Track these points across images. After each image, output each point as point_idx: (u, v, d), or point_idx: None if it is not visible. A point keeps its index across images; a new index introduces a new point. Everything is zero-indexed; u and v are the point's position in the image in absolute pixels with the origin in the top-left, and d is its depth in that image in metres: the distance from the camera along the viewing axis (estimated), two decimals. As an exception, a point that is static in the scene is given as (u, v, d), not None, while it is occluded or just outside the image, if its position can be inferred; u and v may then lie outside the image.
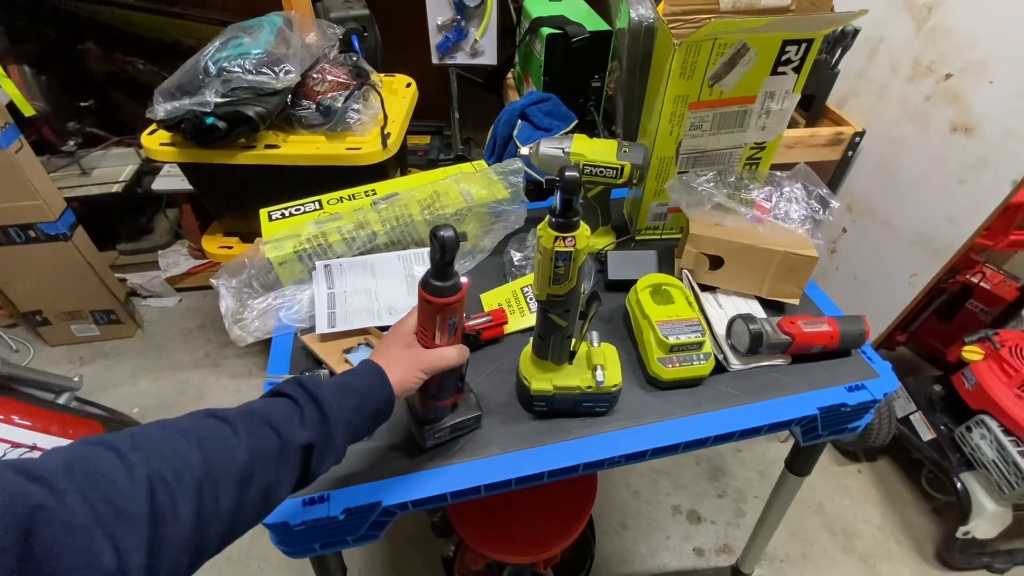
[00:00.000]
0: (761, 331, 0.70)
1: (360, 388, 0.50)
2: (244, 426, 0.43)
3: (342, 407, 0.47)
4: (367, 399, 0.50)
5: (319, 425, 0.46)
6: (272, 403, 0.46)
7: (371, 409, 0.50)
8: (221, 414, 0.44)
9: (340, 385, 0.49)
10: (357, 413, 0.49)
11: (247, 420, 0.43)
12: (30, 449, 1.19)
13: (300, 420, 0.45)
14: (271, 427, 0.43)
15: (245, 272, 0.77)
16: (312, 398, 0.47)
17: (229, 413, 0.44)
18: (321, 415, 0.46)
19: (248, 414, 0.44)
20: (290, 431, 0.44)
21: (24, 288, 1.68)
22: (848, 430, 0.75)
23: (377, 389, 0.50)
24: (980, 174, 1.09)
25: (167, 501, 0.34)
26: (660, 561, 1.33)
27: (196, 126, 1.09)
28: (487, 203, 0.87)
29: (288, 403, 0.46)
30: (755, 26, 0.68)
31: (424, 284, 0.51)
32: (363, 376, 0.51)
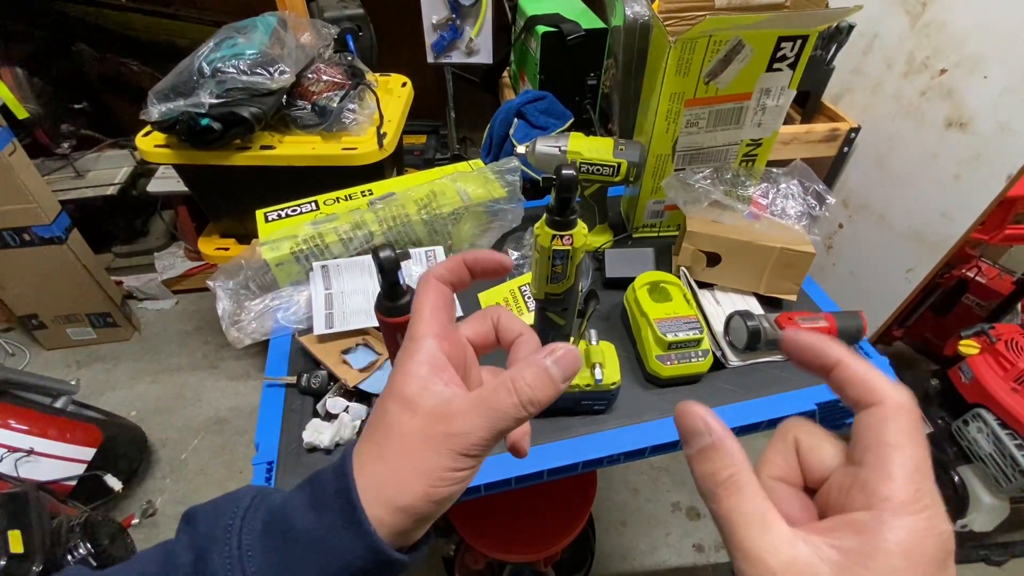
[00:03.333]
0: (759, 327, 0.70)
1: (307, 535, 0.24)
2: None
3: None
4: (315, 562, 0.24)
5: None
6: (147, 565, 0.26)
7: None
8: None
9: (272, 528, 0.25)
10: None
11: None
12: (27, 453, 1.18)
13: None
14: None
15: (242, 274, 0.76)
16: (201, 562, 0.25)
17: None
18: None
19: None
20: None
21: (19, 292, 1.67)
22: (846, 425, 0.75)
23: (332, 541, 0.24)
24: (975, 169, 1.09)
25: None
26: (660, 558, 1.33)
27: (191, 127, 1.08)
28: (484, 202, 0.86)
29: (160, 571, 0.25)
30: (750, 23, 0.68)
31: (377, 304, 0.51)
32: (319, 507, 0.25)
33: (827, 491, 0.22)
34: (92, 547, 1.01)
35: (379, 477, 0.25)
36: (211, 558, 0.25)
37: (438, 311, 0.29)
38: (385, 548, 0.24)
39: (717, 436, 0.21)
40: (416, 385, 0.26)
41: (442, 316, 0.29)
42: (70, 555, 0.98)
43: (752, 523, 0.20)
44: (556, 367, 0.25)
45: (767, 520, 0.20)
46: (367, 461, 0.25)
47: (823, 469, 0.22)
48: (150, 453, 1.53)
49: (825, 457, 0.22)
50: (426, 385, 0.26)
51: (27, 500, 0.98)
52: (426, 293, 0.29)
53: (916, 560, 0.18)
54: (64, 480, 1.22)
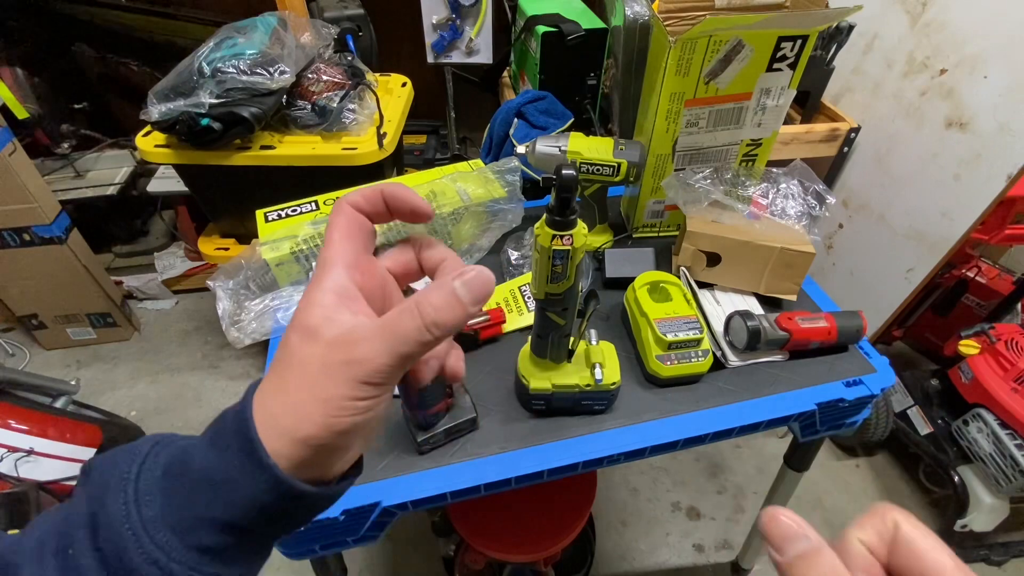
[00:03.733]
0: (759, 327, 0.70)
1: (206, 475, 0.24)
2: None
3: (169, 527, 0.23)
4: (217, 500, 0.23)
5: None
6: (51, 523, 0.24)
7: (233, 517, 0.23)
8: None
9: (172, 470, 0.24)
10: (206, 531, 0.23)
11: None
12: (28, 453, 1.18)
13: (71, 571, 0.22)
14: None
15: (242, 274, 0.76)
16: (98, 514, 0.23)
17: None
18: (117, 555, 0.22)
19: None
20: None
21: (19, 292, 1.67)
22: (846, 425, 0.75)
23: (234, 478, 0.23)
24: (975, 169, 1.09)
25: None
26: (660, 558, 1.33)
27: (191, 127, 1.08)
28: (484, 202, 0.86)
29: (60, 532, 0.23)
30: (750, 23, 0.68)
31: None
32: (220, 445, 0.24)
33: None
34: (92, 547, 1.01)
35: (278, 408, 0.24)
36: (107, 507, 0.23)
37: (350, 237, 0.27)
38: (290, 480, 0.23)
39: (817, 540, 0.20)
40: (320, 314, 0.25)
41: (355, 243, 0.27)
42: (70, 555, 0.98)
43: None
44: (464, 288, 0.24)
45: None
46: (268, 394, 0.25)
47: (915, 566, 0.21)
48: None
49: (922, 559, 0.21)
50: (330, 314, 0.25)
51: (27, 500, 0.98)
52: (337, 218, 0.27)
53: None
54: (64, 480, 1.22)
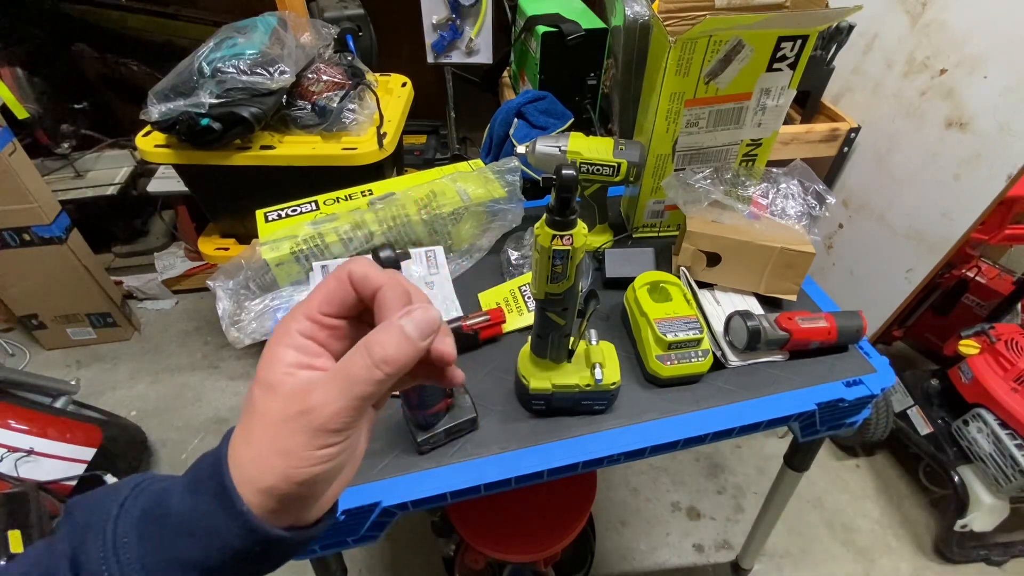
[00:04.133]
0: (759, 327, 0.70)
1: (183, 518, 0.25)
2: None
3: (145, 570, 0.24)
4: (193, 543, 0.24)
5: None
6: (35, 560, 0.25)
7: (208, 560, 0.24)
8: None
9: (150, 513, 0.25)
10: (177, 573, 0.24)
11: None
12: (28, 453, 1.18)
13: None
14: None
15: (242, 274, 0.76)
16: (77, 554, 0.25)
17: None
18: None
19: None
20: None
21: (19, 292, 1.67)
22: (846, 425, 0.75)
23: (209, 523, 0.24)
24: (975, 169, 1.09)
25: None
26: (660, 558, 1.33)
27: (191, 127, 1.08)
28: (484, 202, 0.86)
29: (44, 559, 0.25)
30: (750, 23, 0.68)
31: None
32: (196, 489, 0.25)
33: None
34: (92, 547, 1.01)
35: (245, 459, 0.25)
36: (87, 548, 0.24)
37: (327, 302, 0.27)
38: (261, 525, 0.24)
39: None
40: (280, 370, 0.26)
41: (328, 307, 0.28)
42: (70, 555, 0.98)
43: None
44: (411, 325, 0.25)
45: None
46: (237, 444, 0.25)
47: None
48: (150, 453, 1.53)
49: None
50: (290, 370, 0.26)
51: (27, 500, 0.98)
52: (330, 279, 0.28)
53: None
54: (64, 480, 1.22)
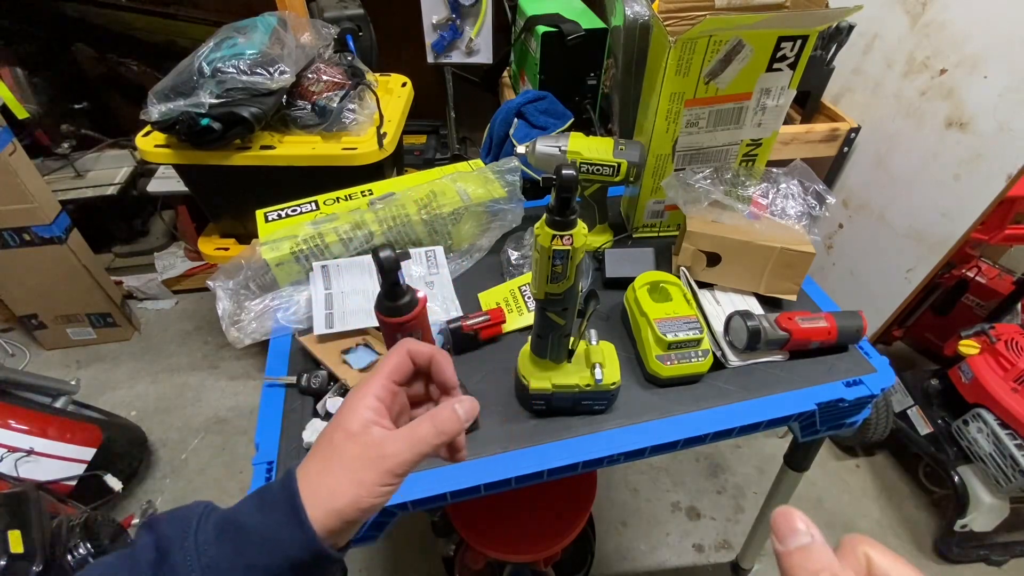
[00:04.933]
0: (759, 327, 0.70)
1: (255, 532, 0.31)
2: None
3: (221, 572, 0.29)
4: (262, 553, 0.30)
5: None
6: (111, 567, 0.31)
7: (271, 567, 0.30)
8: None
9: (224, 527, 0.31)
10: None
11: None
12: (28, 453, 1.18)
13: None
14: None
15: (242, 274, 0.76)
16: (163, 558, 0.30)
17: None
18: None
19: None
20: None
21: (19, 292, 1.67)
22: (846, 425, 0.75)
23: (277, 535, 0.30)
24: (975, 169, 1.09)
25: None
26: (660, 558, 1.33)
27: (191, 127, 1.08)
28: (484, 202, 0.86)
29: (127, 572, 0.30)
30: (750, 23, 0.68)
31: (378, 305, 0.51)
32: (266, 509, 0.31)
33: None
34: (92, 547, 1.01)
35: (322, 487, 0.32)
36: (172, 554, 0.30)
37: (395, 372, 0.37)
38: (320, 542, 0.30)
39: (817, 538, 0.23)
40: (358, 423, 0.34)
41: (397, 377, 0.37)
42: (70, 555, 0.98)
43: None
44: (461, 409, 0.36)
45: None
46: (313, 475, 0.32)
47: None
48: (150, 453, 1.53)
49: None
50: (367, 426, 0.34)
51: (27, 500, 0.98)
52: (394, 355, 0.38)
53: None
54: (64, 480, 1.22)
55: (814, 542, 0.23)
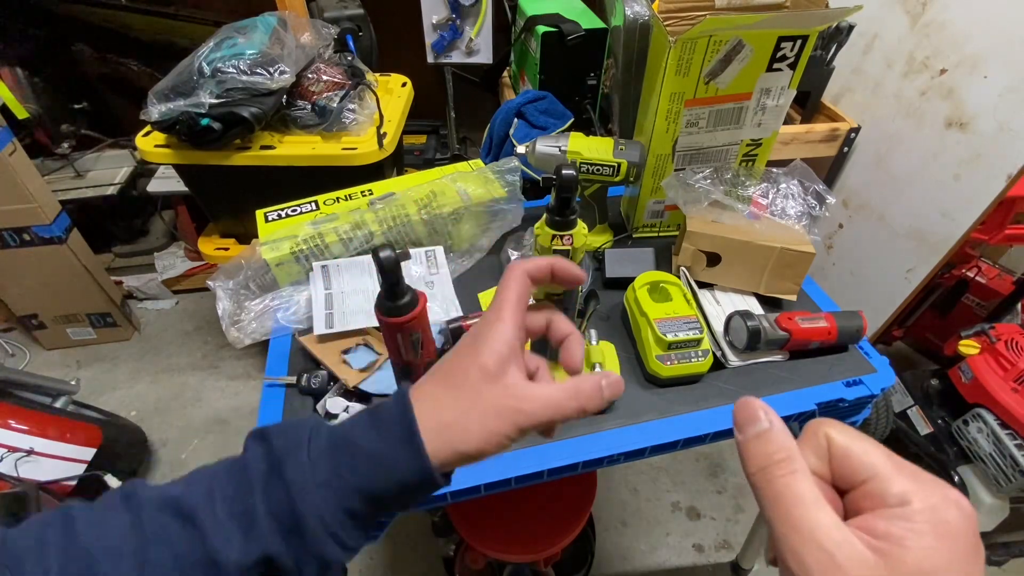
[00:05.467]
0: (759, 327, 0.70)
1: (369, 452, 0.30)
2: (152, 529, 0.28)
3: (333, 490, 0.29)
4: (375, 474, 0.29)
5: (281, 531, 0.28)
6: (217, 475, 0.30)
7: (381, 490, 0.29)
8: (136, 499, 0.29)
9: (337, 444, 0.30)
10: (358, 498, 0.29)
11: (158, 519, 0.28)
12: (28, 453, 1.18)
13: (243, 517, 0.28)
14: (194, 526, 0.28)
15: (242, 274, 0.76)
16: (275, 471, 0.29)
17: (146, 497, 0.29)
18: (289, 508, 0.28)
19: (170, 504, 0.29)
20: (223, 543, 0.27)
21: (19, 292, 1.67)
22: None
23: (393, 459, 0.29)
24: (975, 169, 1.09)
25: None
26: (660, 558, 1.33)
27: (191, 127, 1.08)
28: (484, 202, 0.86)
29: (237, 481, 0.29)
30: (750, 23, 0.68)
31: (378, 305, 0.51)
32: (381, 430, 0.30)
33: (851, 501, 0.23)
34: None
35: (448, 420, 0.30)
36: (285, 466, 0.29)
37: (521, 300, 0.34)
38: (434, 471, 0.29)
39: (775, 424, 0.23)
40: (496, 360, 0.31)
41: (523, 306, 0.34)
42: (70, 555, 0.98)
43: (807, 502, 0.21)
44: (608, 388, 0.33)
45: (820, 502, 0.21)
46: (441, 407, 0.30)
47: (853, 473, 0.23)
48: (150, 453, 1.53)
49: (856, 462, 0.23)
50: (504, 365, 0.31)
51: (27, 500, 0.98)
52: (515, 282, 0.34)
53: (943, 533, 0.20)
54: (64, 480, 1.22)
55: (772, 428, 0.23)
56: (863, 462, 0.22)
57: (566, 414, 0.31)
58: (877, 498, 0.21)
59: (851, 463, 0.23)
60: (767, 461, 0.22)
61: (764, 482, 0.22)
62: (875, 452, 0.23)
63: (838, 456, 0.23)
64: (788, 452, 0.22)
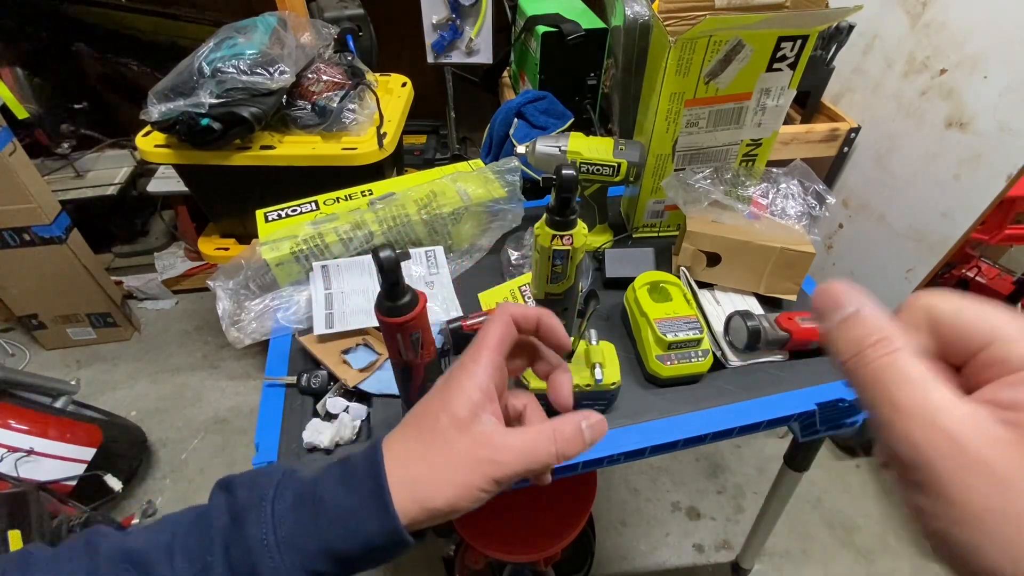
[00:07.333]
0: (759, 327, 0.70)
1: (336, 510, 0.28)
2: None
3: (296, 550, 0.28)
4: (341, 533, 0.28)
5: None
6: (180, 525, 0.29)
7: (346, 550, 0.28)
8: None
9: (304, 499, 0.29)
10: (322, 559, 0.28)
11: None
12: (28, 453, 1.18)
13: (202, 574, 0.27)
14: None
15: (242, 274, 0.76)
16: (237, 525, 0.28)
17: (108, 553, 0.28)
18: (249, 567, 0.27)
19: (129, 557, 0.28)
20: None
21: (19, 292, 1.67)
22: (846, 425, 0.75)
23: (359, 518, 0.28)
24: (975, 169, 1.09)
25: None
26: (660, 558, 1.33)
27: (191, 127, 1.08)
28: (484, 202, 0.86)
29: (198, 533, 0.29)
30: (750, 23, 0.68)
31: (378, 305, 0.51)
32: (350, 485, 0.29)
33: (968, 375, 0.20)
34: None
35: (418, 477, 0.29)
36: (246, 522, 0.28)
37: (503, 344, 0.32)
38: (403, 532, 0.28)
39: (865, 306, 0.20)
40: (468, 408, 0.29)
41: (505, 349, 0.32)
42: (70, 555, 0.98)
43: (914, 379, 0.18)
44: (589, 431, 0.31)
45: (930, 379, 0.18)
46: (409, 460, 0.29)
47: (967, 341, 0.19)
48: (150, 453, 1.53)
49: (970, 328, 0.19)
50: (476, 412, 0.30)
51: (27, 500, 0.98)
52: (498, 325, 0.33)
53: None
54: (64, 480, 1.22)
55: (863, 309, 0.20)
56: (979, 327, 0.19)
57: (544, 461, 0.30)
58: (1001, 365, 0.18)
59: (964, 330, 0.19)
60: (860, 345, 0.19)
61: (861, 367, 0.19)
62: (992, 313, 0.19)
63: (947, 324, 0.20)
64: (885, 332, 0.19)
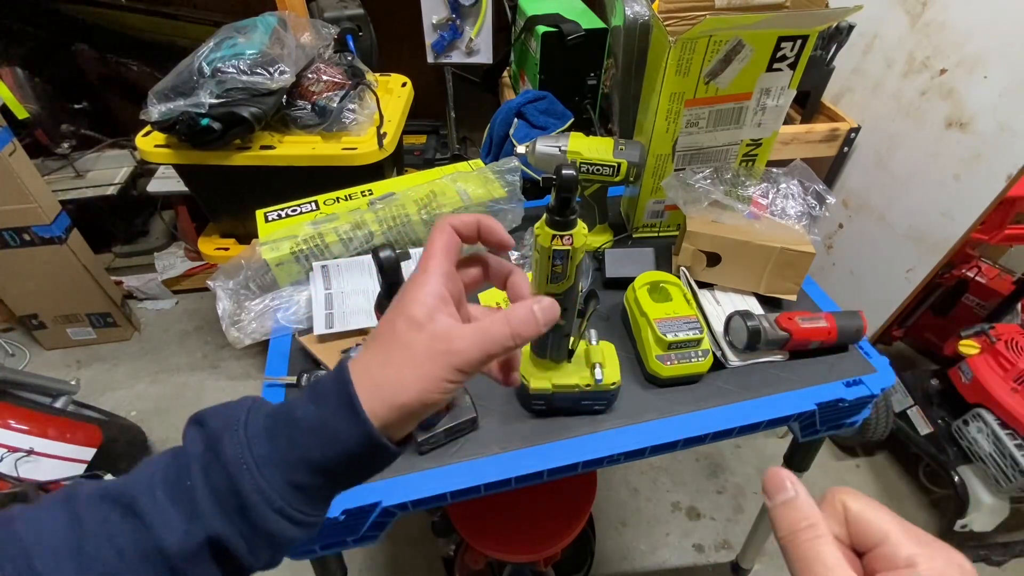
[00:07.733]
0: (759, 327, 0.70)
1: (309, 423, 0.29)
2: (94, 521, 0.27)
3: (274, 464, 0.28)
4: (317, 444, 0.29)
5: (224, 510, 0.28)
6: (158, 463, 0.29)
7: (326, 459, 0.29)
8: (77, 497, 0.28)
9: (276, 420, 0.30)
10: (303, 470, 0.29)
11: (102, 509, 0.28)
12: (28, 453, 1.18)
13: (184, 500, 0.28)
14: (134, 514, 0.27)
15: (242, 274, 0.76)
16: (212, 451, 0.28)
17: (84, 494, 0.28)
18: (229, 486, 0.28)
19: (110, 495, 0.28)
20: (165, 528, 0.27)
21: (19, 292, 1.67)
22: (846, 425, 0.75)
23: (332, 427, 0.29)
24: (975, 169, 1.09)
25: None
26: (660, 558, 1.33)
27: (191, 127, 1.08)
28: (484, 202, 0.86)
29: (177, 465, 0.29)
30: (750, 23, 0.68)
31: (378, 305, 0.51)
32: (319, 402, 0.30)
33: None
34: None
35: (382, 379, 0.29)
36: (222, 445, 0.28)
37: (449, 252, 0.34)
38: (377, 434, 0.29)
39: (800, 493, 0.26)
40: (423, 311, 0.31)
41: (451, 258, 0.34)
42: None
43: (830, 565, 0.23)
44: (540, 312, 0.32)
45: (842, 563, 0.23)
46: (375, 367, 0.30)
47: (867, 537, 0.25)
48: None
49: (869, 528, 0.25)
50: (431, 313, 0.31)
51: (27, 500, 0.98)
52: (440, 235, 0.34)
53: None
54: (64, 480, 1.22)
55: (798, 496, 0.25)
56: (875, 528, 0.24)
57: (501, 343, 0.30)
58: (888, 560, 0.23)
59: (865, 528, 0.25)
60: (794, 527, 0.25)
61: (792, 546, 0.25)
62: (886, 518, 0.25)
63: (853, 520, 0.25)
64: (813, 519, 0.25)
